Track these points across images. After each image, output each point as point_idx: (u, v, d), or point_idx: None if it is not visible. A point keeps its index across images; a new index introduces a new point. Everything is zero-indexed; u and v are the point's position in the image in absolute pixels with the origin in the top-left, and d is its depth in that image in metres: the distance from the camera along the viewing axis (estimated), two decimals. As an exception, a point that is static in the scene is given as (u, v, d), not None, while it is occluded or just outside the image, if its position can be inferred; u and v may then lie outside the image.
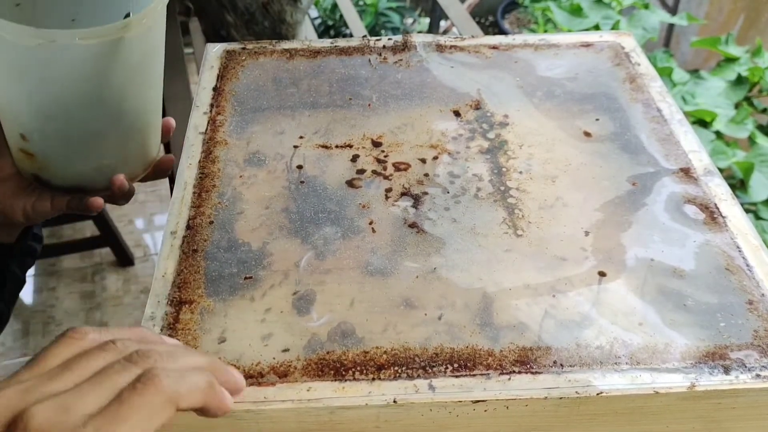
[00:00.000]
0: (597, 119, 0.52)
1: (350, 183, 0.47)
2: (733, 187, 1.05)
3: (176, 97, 0.96)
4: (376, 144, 0.51)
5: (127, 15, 0.48)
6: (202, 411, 0.30)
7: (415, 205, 0.46)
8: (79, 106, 0.44)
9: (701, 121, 1.12)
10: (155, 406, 0.27)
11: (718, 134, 1.12)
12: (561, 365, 0.36)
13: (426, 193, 0.47)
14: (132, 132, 0.48)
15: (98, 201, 0.48)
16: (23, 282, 0.56)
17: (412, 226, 0.44)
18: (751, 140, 1.11)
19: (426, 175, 0.48)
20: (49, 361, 0.29)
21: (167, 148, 0.85)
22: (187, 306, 0.39)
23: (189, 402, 0.29)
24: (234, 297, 0.40)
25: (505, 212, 0.45)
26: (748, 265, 0.42)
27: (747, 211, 1.01)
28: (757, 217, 1.05)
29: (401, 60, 0.58)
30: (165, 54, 0.47)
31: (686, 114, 1.08)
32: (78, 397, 0.27)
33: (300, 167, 0.49)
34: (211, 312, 0.39)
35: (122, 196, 0.49)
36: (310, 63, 0.58)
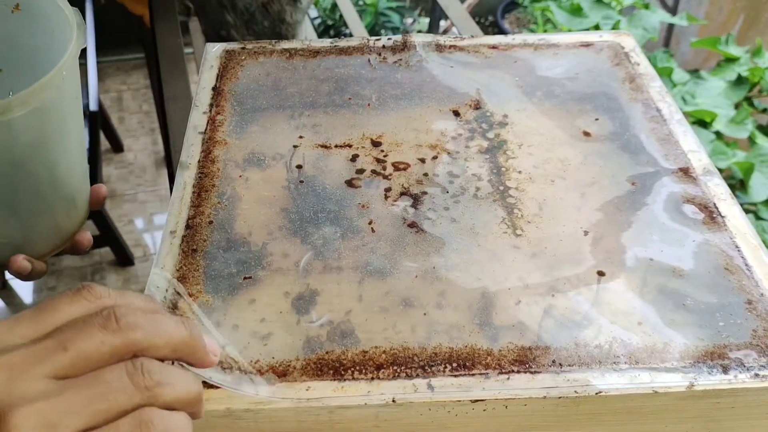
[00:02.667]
0: (596, 119, 0.52)
1: (349, 183, 0.47)
2: (733, 187, 1.05)
3: (176, 97, 0.96)
4: (376, 144, 0.51)
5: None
6: None
7: (414, 205, 0.46)
8: None
9: (701, 121, 1.12)
10: None
11: (718, 134, 1.11)
12: (560, 365, 0.36)
13: (425, 193, 0.47)
14: (35, 213, 0.45)
15: None
16: None
17: (412, 225, 0.44)
18: (751, 140, 1.11)
19: (425, 174, 0.48)
20: (53, 317, 0.28)
21: (167, 151, 0.85)
22: (184, 299, 0.39)
23: None
24: (233, 296, 0.40)
25: (505, 212, 0.45)
26: (747, 265, 0.42)
27: (747, 211, 1.01)
28: (757, 218, 1.05)
29: (401, 60, 0.58)
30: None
31: (686, 114, 1.08)
32: (67, 412, 0.26)
33: (299, 167, 0.49)
34: (209, 308, 0.39)
35: (25, 276, 0.47)
36: (309, 63, 0.58)
